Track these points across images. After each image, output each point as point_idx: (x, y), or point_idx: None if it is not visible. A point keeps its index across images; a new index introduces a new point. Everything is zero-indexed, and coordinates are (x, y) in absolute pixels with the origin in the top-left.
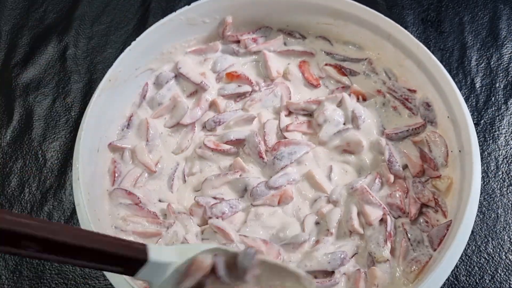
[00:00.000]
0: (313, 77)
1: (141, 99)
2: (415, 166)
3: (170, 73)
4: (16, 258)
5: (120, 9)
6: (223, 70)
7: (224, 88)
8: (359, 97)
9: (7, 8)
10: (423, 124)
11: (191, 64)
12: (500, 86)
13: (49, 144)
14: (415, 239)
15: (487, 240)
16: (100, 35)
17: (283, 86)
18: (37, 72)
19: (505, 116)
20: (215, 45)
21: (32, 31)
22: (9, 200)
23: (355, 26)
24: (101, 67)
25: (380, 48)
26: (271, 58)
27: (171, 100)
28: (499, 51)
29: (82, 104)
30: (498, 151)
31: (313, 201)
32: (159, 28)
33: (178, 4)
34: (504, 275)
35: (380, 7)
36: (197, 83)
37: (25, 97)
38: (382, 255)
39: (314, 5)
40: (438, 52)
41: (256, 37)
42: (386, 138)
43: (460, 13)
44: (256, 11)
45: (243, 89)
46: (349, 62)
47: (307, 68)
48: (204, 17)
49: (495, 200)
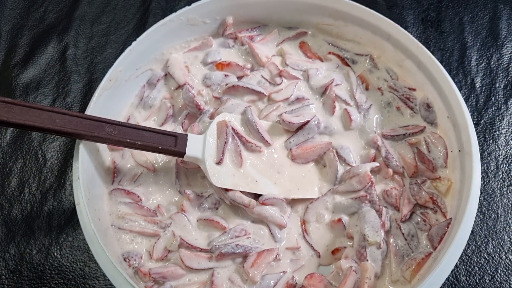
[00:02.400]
0: (316, 55)
1: (138, 100)
2: (409, 167)
3: (161, 72)
4: (16, 258)
5: (120, 9)
6: (212, 62)
7: (209, 77)
8: (363, 83)
9: (7, 8)
10: (421, 129)
11: (181, 63)
12: (500, 86)
13: (49, 144)
14: (409, 233)
15: (487, 240)
16: (100, 35)
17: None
18: (37, 72)
19: (505, 116)
20: (209, 40)
21: (32, 31)
22: (9, 200)
23: (355, 26)
24: (101, 67)
25: (380, 48)
26: (257, 46)
27: (161, 102)
28: (499, 51)
29: (82, 104)
30: (498, 151)
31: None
32: (159, 28)
33: (178, 4)
34: (504, 275)
35: (380, 7)
36: (180, 84)
37: (25, 97)
38: (375, 240)
39: (314, 5)
40: (438, 52)
41: (252, 35)
42: (382, 137)
43: (460, 13)
44: (256, 11)
45: (229, 79)
46: (352, 53)
47: (308, 47)
48: (205, 18)
49: (495, 200)
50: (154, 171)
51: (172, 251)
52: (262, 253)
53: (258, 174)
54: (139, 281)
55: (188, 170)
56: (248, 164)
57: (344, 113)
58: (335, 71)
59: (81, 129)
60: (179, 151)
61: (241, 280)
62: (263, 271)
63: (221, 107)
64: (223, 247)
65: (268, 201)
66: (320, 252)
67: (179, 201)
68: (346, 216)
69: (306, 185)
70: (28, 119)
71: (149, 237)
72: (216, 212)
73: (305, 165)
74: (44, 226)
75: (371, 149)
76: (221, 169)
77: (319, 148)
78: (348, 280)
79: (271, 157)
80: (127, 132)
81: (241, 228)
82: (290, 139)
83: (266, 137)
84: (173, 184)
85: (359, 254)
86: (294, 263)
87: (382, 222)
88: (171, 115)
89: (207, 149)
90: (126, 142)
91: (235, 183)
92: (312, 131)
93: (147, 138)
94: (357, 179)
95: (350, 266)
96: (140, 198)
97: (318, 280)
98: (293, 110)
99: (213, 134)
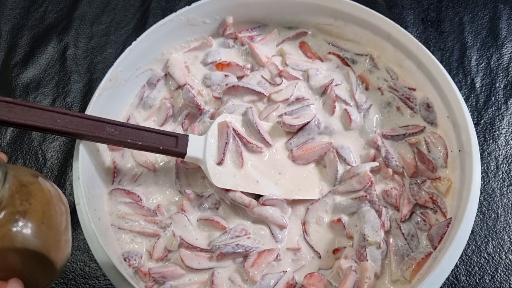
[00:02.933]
0: (316, 55)
1: (138, 100)
2: (409, 167)
3: (161, 72)
4: None
5: (120, 9)
6: (212, 62)
7: (209, 78)
8: (363, 83)
9: (7, 8)
10: (421, 129)
11: (181, 63)
12: (500, 86)
13: (49, 144)
14: (408, 233)
15: (487, 240)
16: (100, 35)
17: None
18: (37, 72)
19: (505, 116)
20: (208, 40)
21: (32, 31)
22: None
23: (355, 26)
24: (101, 67)
25: (380, 48)
26: (257, 46)
27: (161, 103)
28: (499, 51)
29: (82, 104)
30: (498, 151)
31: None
32: (159, 28)
33: (178, 4)
34: (504, 275)
35: (380, 7)
36: (181, 84)
37: (25, 97)
38: (375, 240)
39: (314, 5)
40: (438, 52)
41: (252, 35)
42: (382, 137)
43: (460, 13)
44: (256, 11)
45: (229, 79)
46: (352, 53)
47: (308, 47)
48: (205, 18)
49: (495, 200)
50: (154, 171)
51: (172, 251)
52: (262, 253)
53: (259, 175)
54: (139, 281)
55: (188, 170)
56: (249, 165)
57: (344, 113)
58: (335, 71)
59: (82, 129)
60: (180, 152)
61: (241, 279)
62: (263, 271)
63: (222, 107)
64: (224, 247)
65: (268, 202)
66: (320, 253)
67: (179, 201)
68: (345, 216)
69: (307, 185)
70: (29, 119)
71: (149, 237)
72: (217, 212)
73: (306, 166)
74: None
75: (371, 149)
76: (222, 169)
77: (320, 148)
78: (347, 280)
79: (272, 158)
80: (128, 132)
81: (242, 228)
82: (290, 140)
83: (267, 138)
84: (173, 184)
85: (358, 254)
86: (295, 263)
87: (382, 222)
88: (170, 115)
89: (208, 150)
90: (127, 143)
91: (236, 183)
92: (312, 132)
93: (148, 138)
94: (357, 179)
95: (350, 266)
96: (140, 198)
97: (318, 280)
98: (293, 110)
99: (214, 135)
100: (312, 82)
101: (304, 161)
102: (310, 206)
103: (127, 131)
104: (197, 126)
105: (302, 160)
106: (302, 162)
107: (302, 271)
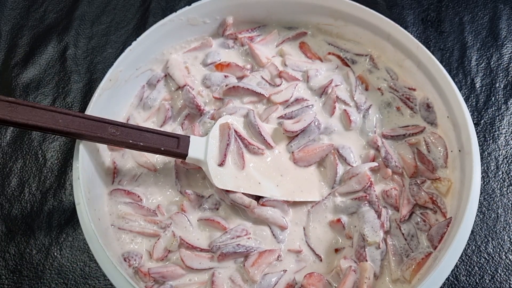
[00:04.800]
0: (316, 55)
1: (138, 100)
2: (409, 167)
3: (161, 73)
4: (16, 258)
5: (120, 9)
6: (212, 63)
7: (209, 78)
8: (362, 83)
9: (7, 8)
10: (421, 129)
11: (180, 64)
12: (500, 86)
13: (49, 144)
14: (408, 233)
15: (487, 240)
16: (100, 35)
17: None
18: (37, 72)
19: (505, 116)
20: (208, 41)
21: (32, 31)
22: (9, 200)
23: (355, 26)
24: (101, 67)
25: (380, 48)
26: (257, 47)
27: (160, 104)
28: (499, 51)
29: (82, 104)
30: (498, 151)
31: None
32: (159, 28)
33: (178, 4)
34: (504, 275)
35: (380, 7)
36: (181, 85)
37: (25, 97)
38: (374, 240)
39: (314, 5)
40: (438, 52)
41: (252, 35)
42: (382, 137)
43: (460, 13)
44: (256, 11)
45: (229, 80)
46: (352, 54)
47: (308, 48)
48: (205, 18)
49: (495, 200)
50: (155, 171)
51: (172, 251)
52: (263, 253)
53: (260, 176)
54: (139, 281)
55: (189, 170)
56: (251, 166)
57: (343, 114)
58: (335, 72)
59: (83, 129)
60: (181, 153)
61: (242, 279)
62: (263, 270)
63: (223, 108)
64: (225, 247)
65: (268, 203)
66: (322, 257)
67: (179, 201)
68: (345, 216)
69: (308, 187)
70: (31, 118)
71: (149, 237)
72: (217, 212)
73: (308, 167)
74: (44, 226)
75: (371, 150)
76: (223, 171)
77: (321, 150)
78: (347, 280)
79: (274, 160)
80: (130, 133)
81: (242, 228)
82: (291, 142)
83: (269, 139)
84: (174, 184)
85: (358, 254)
86: (295, 264)
87: (381, 222)
88: (169, 117)
89: (210, 151)
90: (129, 143)
91: (237, 185)
92: (312, 133)
93: (150, 139)
94: (356, 179)
95: (350, 266)
96: (140, 198)
97: (317, 280)
98: (293, 111)
99: (216, 136)
100: (311, 83)
101: (306, 163)
102: (310, 208)
103: (128, 131)
104: (198, 126)
105: (303, 162)
106: (303, 164)
107: (303, 272)
